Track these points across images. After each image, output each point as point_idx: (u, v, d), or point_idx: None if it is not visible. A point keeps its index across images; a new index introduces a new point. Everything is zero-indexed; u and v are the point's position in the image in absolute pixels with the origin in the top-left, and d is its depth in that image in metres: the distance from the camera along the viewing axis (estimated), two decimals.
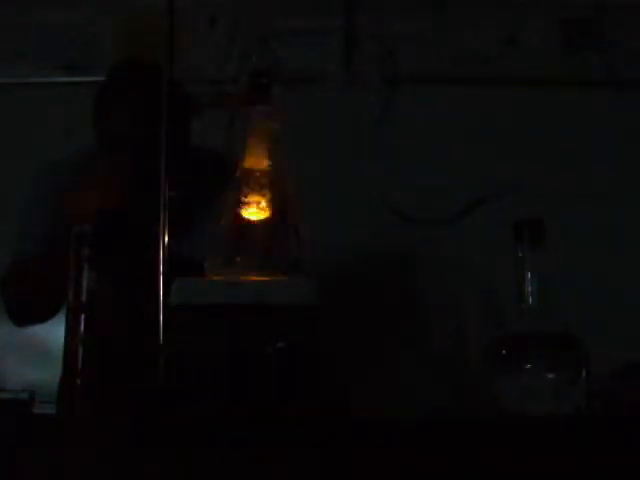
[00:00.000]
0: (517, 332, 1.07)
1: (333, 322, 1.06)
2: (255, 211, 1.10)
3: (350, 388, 1.23)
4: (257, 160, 1.12)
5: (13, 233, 1.57)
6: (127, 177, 1.43)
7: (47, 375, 1.22)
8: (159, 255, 1.08)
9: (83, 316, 1.08)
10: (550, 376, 1.03)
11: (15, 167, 2.00)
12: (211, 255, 1.09)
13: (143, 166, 1.33)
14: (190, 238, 1.32)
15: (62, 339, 1.10)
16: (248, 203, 1.10)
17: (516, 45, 2.18)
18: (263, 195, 1.11)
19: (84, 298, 1.08)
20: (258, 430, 0.92)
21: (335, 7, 2.15)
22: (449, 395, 1.89)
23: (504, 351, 1.06)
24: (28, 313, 1.56)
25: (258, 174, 1.11)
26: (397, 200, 1.40)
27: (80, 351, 1.07)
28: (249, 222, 1.10)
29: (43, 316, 1.54)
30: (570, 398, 1.02)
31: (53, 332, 1.34)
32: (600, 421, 1.01)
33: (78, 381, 1.06)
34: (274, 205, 1.10)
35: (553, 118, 2.11)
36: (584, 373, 1.03)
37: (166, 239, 1.08)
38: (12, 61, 2.18)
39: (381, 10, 2.15)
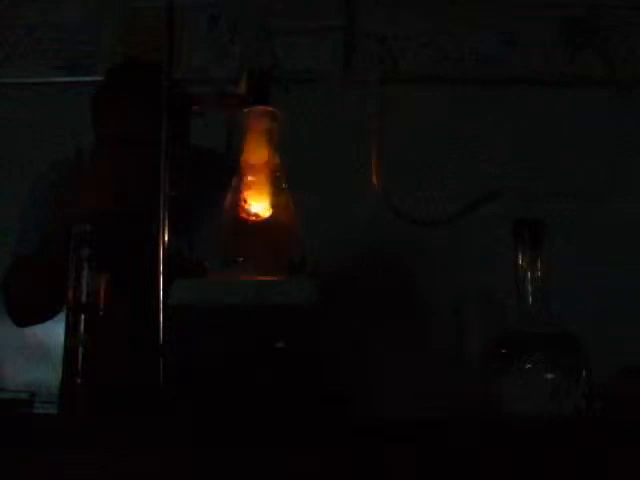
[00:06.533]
0: (517, 332, 1.07)
1: (333, 322, 1.06)
2: (255, 211, 1.10)
3: (350, 388, 1.23)
4: (257, 160, 1.12)
5: (13, 233, 1.57)
6: (127, 177, 1.43)
7: (47, 375, 1.22)
8: (159, 255, 1.08)
9: (83, 316, 1.08)
10: (550, 376, 1.03)
11: (15, 167, 2.00)
12: (211, 255, 1.09)
13: (142, 166, 1.33)
14: (190, 238, 1.32)
15: (62, 339, 1.10)
16: (248, 203, 1.10)
17: (516, 45, 2.18)
18: (263, 195, 1.11)
19: (84, 298, 1.08)
20: (258, 430, 0.92)
21: (335, 7, 2.15)
22: (449, 395, 1.89)
23: (504, 351, 1.06)
24: (28, 313, 1.56)
25: (258, 174, 1.11)
26: (397, 200, 1.39)
27: (80, 351, 1.07)
28: (249, 222, 1.10)
29: (43, 316, 1.54)
30: (570, 398, 1.02)
31: (53, 332, 1.34)
32: (600, 421, 1.00)
33: (78, 381, 1.06)
34: (274, 205, 1.10)
35: (553, 118, 2.11)
36: (584, 373, 1.03)
37: (166, 239, 1.08)
38: (12, 61, 2.18)
39: (381, 10, 2.15)
